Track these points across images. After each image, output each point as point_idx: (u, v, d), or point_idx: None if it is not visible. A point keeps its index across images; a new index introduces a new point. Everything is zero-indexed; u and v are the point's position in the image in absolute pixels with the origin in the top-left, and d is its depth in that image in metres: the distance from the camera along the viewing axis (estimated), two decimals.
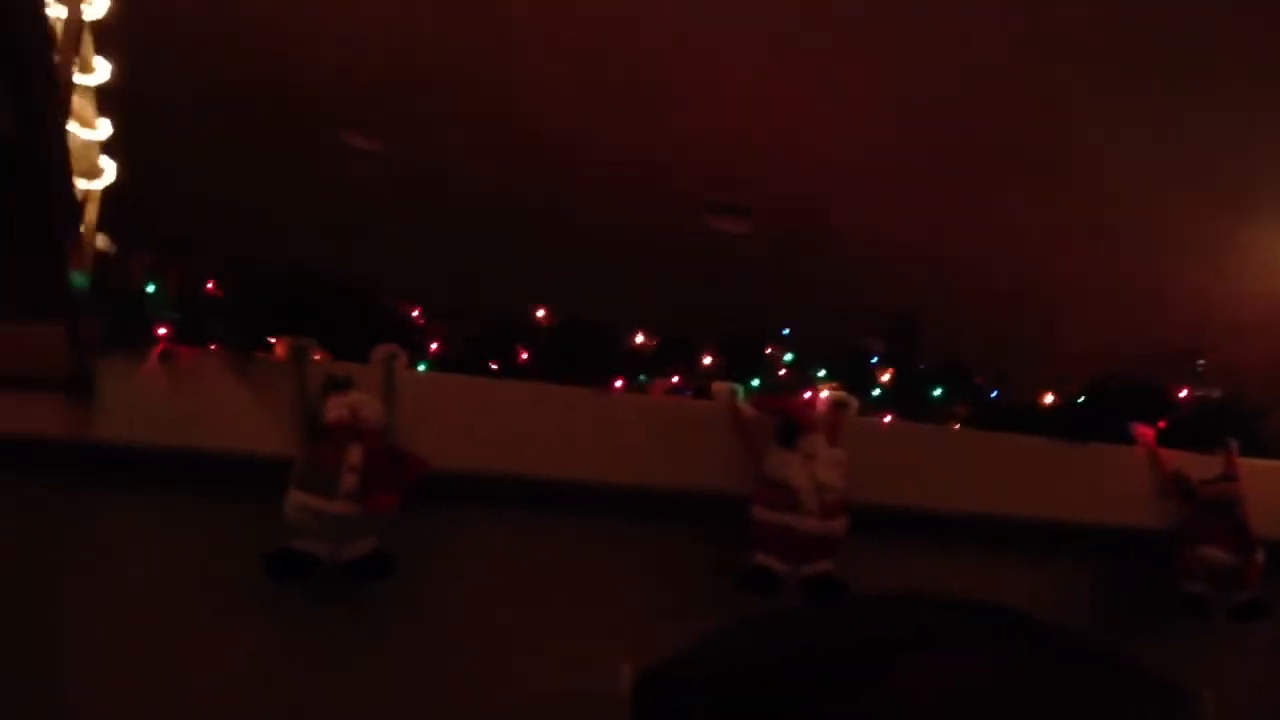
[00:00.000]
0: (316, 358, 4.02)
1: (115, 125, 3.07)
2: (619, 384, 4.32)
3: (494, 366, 4.33)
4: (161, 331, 3.84)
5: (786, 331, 4.51)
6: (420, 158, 5.41)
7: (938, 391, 4.46)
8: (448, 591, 4.21)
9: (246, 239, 4.28)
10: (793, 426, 4.01)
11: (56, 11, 2.46)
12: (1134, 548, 4.55)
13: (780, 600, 3.94)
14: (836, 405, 4.21)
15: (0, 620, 3.75)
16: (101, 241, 3.67)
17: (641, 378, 4.41)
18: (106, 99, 3.15)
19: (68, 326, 3.54)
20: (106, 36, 2.87)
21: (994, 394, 4.59)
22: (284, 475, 3.77)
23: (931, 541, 4.41)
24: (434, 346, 4.32)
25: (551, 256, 5.75)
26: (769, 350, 4.54)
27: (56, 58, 2.20)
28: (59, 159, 2.47)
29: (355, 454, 3.80)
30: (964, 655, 1.11)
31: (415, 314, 4.42)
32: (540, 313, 4.47)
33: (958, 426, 4.50)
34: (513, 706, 4.10)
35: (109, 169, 3.40)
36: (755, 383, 4.38)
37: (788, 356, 4.44)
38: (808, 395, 4.24)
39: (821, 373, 4.37)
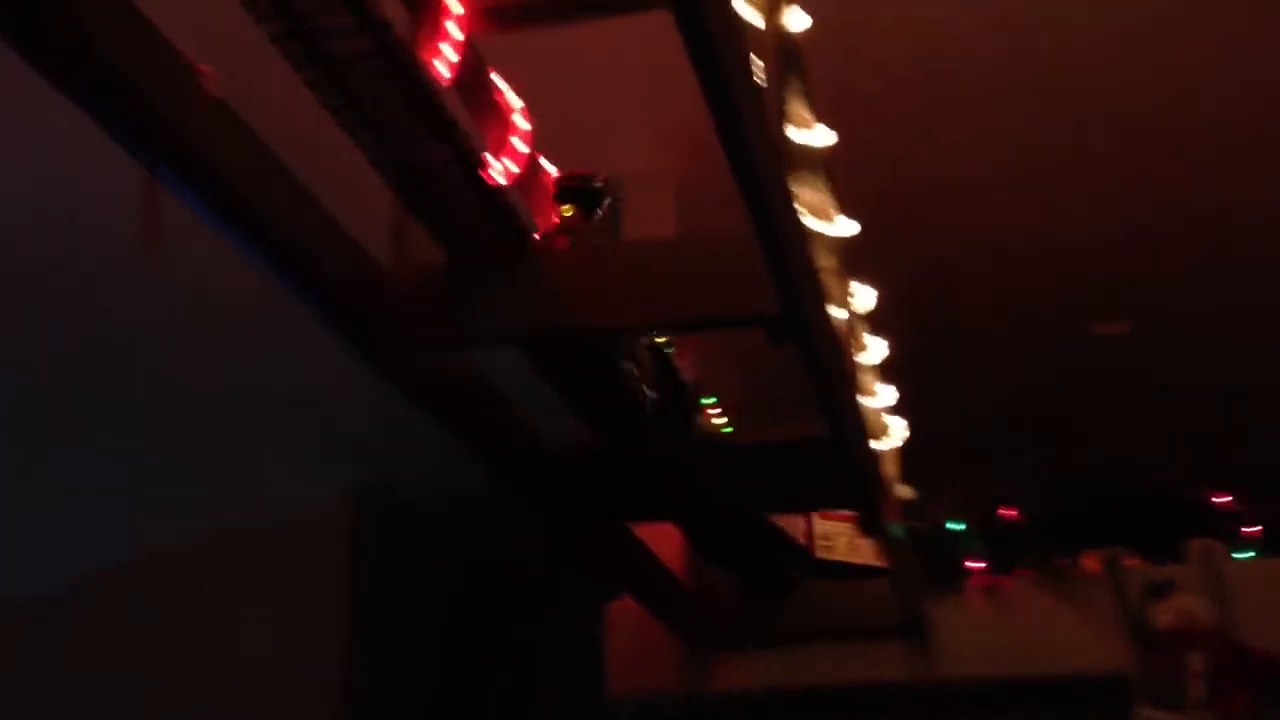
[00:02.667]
0: (1130, 564, 3.99)
1: (898, 387, 3.34)
2: None
3: None
4: (975, 565, 4.06)
5: None
6: (1171, 335, 5.20)
7: None
8: None
9: (1032, 461, 4.41)
10: None
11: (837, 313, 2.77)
12: None
13: None
14: None
15: None
16: (905, 491, 3.98)
17: None
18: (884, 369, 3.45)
19: (893, 576, 3.88)
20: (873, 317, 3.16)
21: None
22: (1119, 691, 3.73)
23: None
24: (1253, 530, 4.08)
25: None
26: None
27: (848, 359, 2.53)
28: (859, 436, 2.80)
29: (1197, 660, 3.66)
30: None
31: (1223, 499, 4.22)
32: None
33: None
34: None
35: (898, 426, 3.68)
36: None
37: None
38: None
39: None
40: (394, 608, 6.13)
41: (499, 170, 2.14)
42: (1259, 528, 4.04)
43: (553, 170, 2.38)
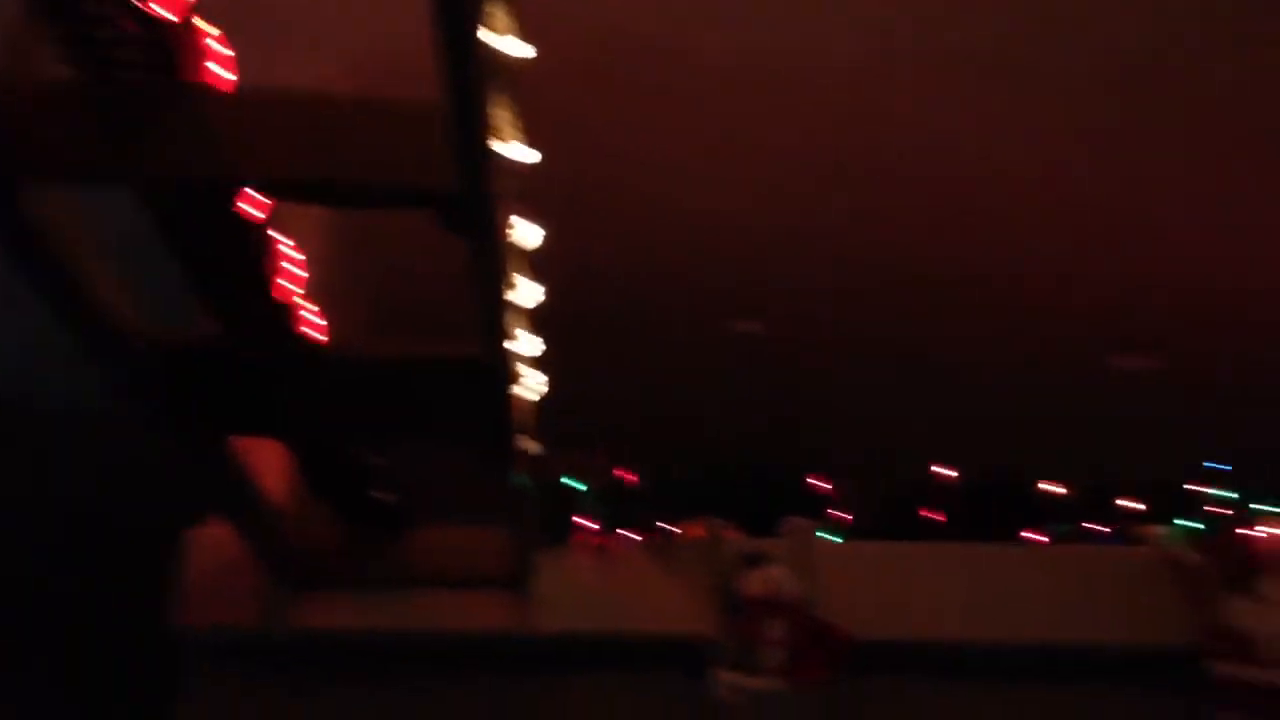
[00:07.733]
0: (730, 536, 4.09)
1: (546, 342, 3.21)
2: (1037, 536, 4.15)
3: (908, 530, 4.25)
4: (588, 524, 4.04)
5: (1226, 467, 4.16)
6: (805, 328, 5.39)
7: None
8: None
9: (655, 431, 4.43)
10: (1252, 570, 3.68)
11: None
12: None
13: None
14: None
15: None
16: (531, 445, 3.89)
17: (1061, 528, 4.21)
18: (537, 320, 3.30)
19: (510, 527, 3.78)
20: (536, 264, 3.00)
21: None
22: (711, 654, 3.82)
23: None
24: (845, 515, 4.30)
25: (954, 415, 5.58)
26: (1196, 488, 4.22)
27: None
28: (508, 375, 2.66)
29: (776, 628, 3.81)
30: None
31: (823, 484, 4.43)
32: (950, 472, 4.37)
33: None
34: None
35: (538, 380, 3.56)
36: (1188, 525, 4.08)
37: (1228, 494, 4.10)
38: (1263, 535, 3.88)
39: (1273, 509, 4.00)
40: None
41: None
42: (850, 513, 4.26)
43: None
